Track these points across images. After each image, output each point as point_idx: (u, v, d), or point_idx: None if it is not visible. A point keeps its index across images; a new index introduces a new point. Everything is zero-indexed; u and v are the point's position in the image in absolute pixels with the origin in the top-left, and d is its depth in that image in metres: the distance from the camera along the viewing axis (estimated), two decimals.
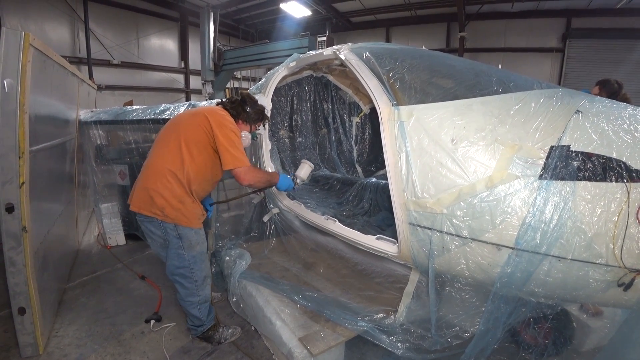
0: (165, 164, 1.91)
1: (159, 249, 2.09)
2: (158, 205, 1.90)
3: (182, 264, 2.02)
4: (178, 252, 2.00)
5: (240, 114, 2.17)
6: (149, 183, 1.92)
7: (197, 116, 1.99)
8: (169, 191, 1.90)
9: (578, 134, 1.53)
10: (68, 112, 3.46)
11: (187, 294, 2.10)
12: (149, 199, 1.91)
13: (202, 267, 2.11)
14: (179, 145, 1.93)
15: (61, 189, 3.19)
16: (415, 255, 1.76)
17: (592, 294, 1.50)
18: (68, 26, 8.35)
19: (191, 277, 2.06)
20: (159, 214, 1.92)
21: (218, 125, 1.94)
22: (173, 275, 2.08)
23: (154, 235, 2.03)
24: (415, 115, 1.67)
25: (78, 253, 3.68)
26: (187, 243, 2.00)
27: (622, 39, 9.28)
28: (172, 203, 1.91)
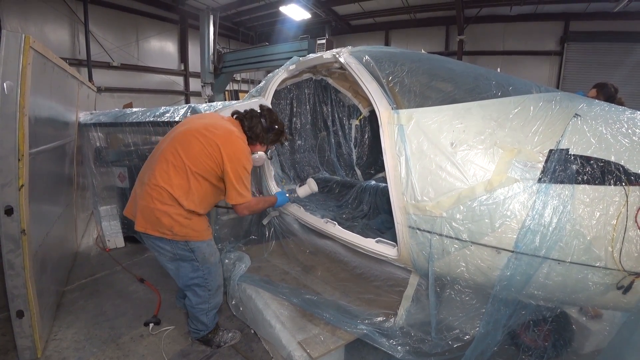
0: (171, 189, 1.83)
1: (168, 262, 2.01)
2: (166, 225, 1.85)
3: (197, 275, 2.01)
4: (192, 263, 1.98)
5: (258, 137, 2.06)
6: (154, 204, 1.83)
7: (209, 145, 1.85)
8: (175, 211, 1.85)
9: (577, 137, 1.54)
10: (68, 114, 3.46)
11: (199, 302, 2.07)
12: (155, 220, 1.85)
13: (216, 277, 2.10)
14: (186, 172, 1.84)
15: (60, 192, 3.19)
16: (414, 258, 1.76)
17: (591, 296, 1.50)
18: (68, 28, 8.36)
19: (205, 286, 2.04)
20: (167, 233, 1.87)
21: (230, 160, 1.85)
22: (187, 286, 2.04)
23: (162, 250, 1.96)
24: (415, 119, 1.68)
25: (77, 255, 3.67)
26: (201, 256, 1.98)
27: (619, 42, 9.34)
28: (180, 221, 1.87)
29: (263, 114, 2.08)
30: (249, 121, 2.03)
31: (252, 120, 2.04)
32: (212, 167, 1.86)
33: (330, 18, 11.71)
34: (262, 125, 2.05)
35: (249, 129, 2.02)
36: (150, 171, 1.90)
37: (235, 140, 1.92)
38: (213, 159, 1.85)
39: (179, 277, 2.03)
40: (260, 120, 2.06)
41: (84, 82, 4.37)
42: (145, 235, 1.93)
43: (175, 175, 1.84)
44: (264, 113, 2.09)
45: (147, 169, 1.94)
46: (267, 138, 2.10)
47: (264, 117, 2.07)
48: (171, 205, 1.84)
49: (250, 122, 2.03)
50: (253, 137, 2.04)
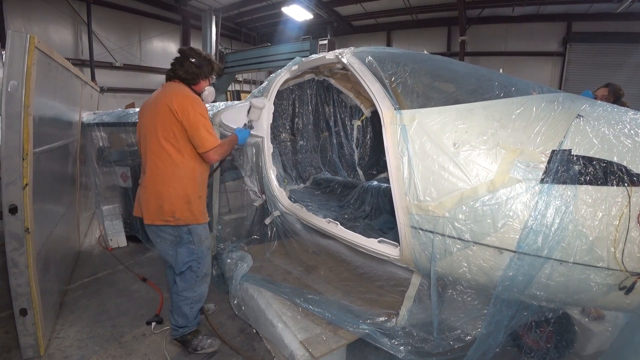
0: (162, 173, 1.96)
1: (168, 248, 2.09)
2: (168, 211, 1.96)
3: (192, 257, 2.08)
4: (189, 246, 2.07)
5: (197, 75, 2.12)
6: (154, 194, 1.97)
7: (163, 111, 1.94)
8: (175, 195, 1.97)
9: (579, 138, 1.54)
10: (71, 114, 3.48)
11: (185, 287, 2.11)
12: (158, 208, 1.97)
13: (206, 263, 2.17)
14: (164, 148, 1.95)
15: (63, 191, 3.20)
16: (417, 258, 1.77)
17: (593, 297, 1.50)
18: (71, 29, 8.40)
19: (196, 271, 2.11)
20: (171, 220, 1.98)
21: (182, 110, 1.92)
22: (181, 270, 2.09)
23: (164, 235, 2.05)
24: (418, 119, 1.68)
25: (79, 254, 3.69)
26: (197, 238, 2.08)
27: (622, 42, 9.33)
28: (180, 205, 1.98)
29: (187, 54, 2.11)
30: (181, 68, 2.09)
31: (184, 65, 2.09)
32: (179, 128, 1.94)
33: (332, 19, 11.73)
34: (194, 64, 2.10)
35: (185, 72, 2.08)
36: (144, 171, 2.05)
37: (178, 92, 2.00)
38: (173, 121, 1.93)
39: (177, 263, 2.10)
40: (189, 60, 2.09)
41: (88, 82, 4.39)
42: (151, 226, 2.03)
43: (159, 159, 1.96)
44: (188, 53, 2.12)
45: (144, 170, 2.07)
46: (203, 71, 2.15)
47: (190, 57, 2.10)
48: (170, 189, 1.95)
49: (182, 67, 2.09)
50: (194, 76, 2.10)
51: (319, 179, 4.19)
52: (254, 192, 3.13)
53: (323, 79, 4.18)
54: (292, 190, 3.64)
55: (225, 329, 2.42)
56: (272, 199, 2.93)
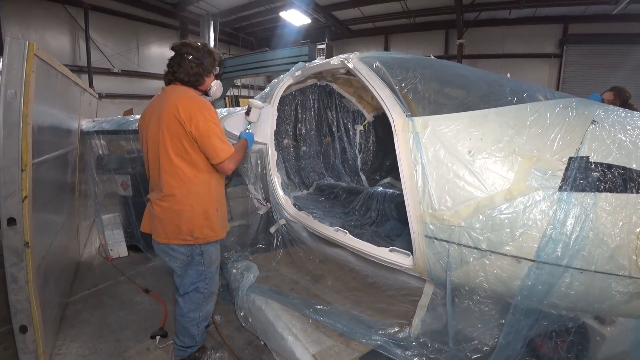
0: (178, 191, 1.82)
1: (178, 268, 1.96)
2: (186, 231, 1.85)
3: (199, 279, 1.97)
4: (198, 268, 1.95)
5: (200, 74, 1.90)
6: (171, 214, 1.84)
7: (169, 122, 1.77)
8: (192, 213, 1.85)
9: (596, 144, 1.51)
10: (70, 122, 3.43)
11: (190, 309, 2.00)
12: (175, 228, 1.84)
13: (213, 283, 2.08)
14: (176, 165, 1.80)
15: (63, 201, 3.14)
16: (431, 267, 1.72)
17: (615, 305, 1.47)
18: (68, 35, 8.35)
19: (203, 292, 2.01)
20: (190, 239, 1.86)
21: (190, 119, 1.75)
22: (186, 291, 1.98)
23: (176, 253, 1.91)
24: (431, 127, 1.64)
25: (79, 265, 3.61)
26: (208, 259, 1.97)
27: (618, 44, 9.39)
28: (199, 223, 1.87)
29: (183, 52, 1.89)
30: (181, 69, 1.87)
31: (182, 65, 1.87)
32: (189, 140, 1.78)
33: (330, 23, 11.73)
34: (193, 61, 1.88)
35: (186, 74, 1.88)
36: (157, 187, 1.89)
37: (183, 98, 1.81)
38: (182, 133, 1.77)
39: (182, 284, 1.99)
40: (187, 58, 1.87)
41: (86, 89, 4.34)
42: (161, 244, 1.90)
43: (171, 174, 1.82)
44: (183, 50, 1.89)
45: (154, 185, 1.93)
46: (205, 67, 1.93)
47: (187, 54, 1.88)
48: (186, 206, 1.83)
49: (181, 67, 1.87)
50: (197, 77, 1.90)
51: (322, 185, 4.15)
52: (258, 200, 3.08)
53: (325, 83, 4.15)
54: (295, 197, 3.59)
55: (232, 342, 2.35)
56: (277, 207, 2.88)
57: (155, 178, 1.90)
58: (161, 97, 1.89)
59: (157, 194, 1.88)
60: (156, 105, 1.88)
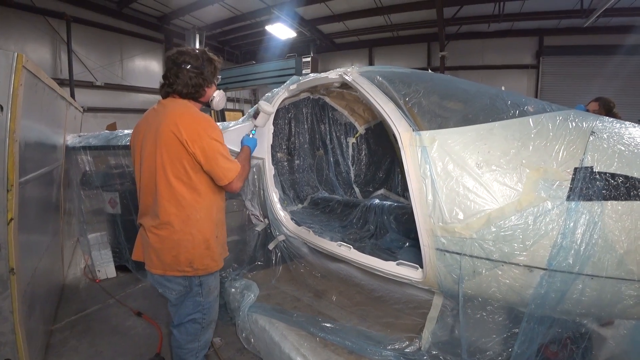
0: (177, 219, 1.65)
1: (173, 299, 1.80)
2: (184, 261, 1.68)
3: (196, 310, 1.80)
4: (195, 299, 1.79)
5: (201, 85, 1.73)
6: (169, 243, 1.68)
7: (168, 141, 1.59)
8: (192, 243, 1.68)
9: (597, 155, 1.55)
10: (56, 138, 3.30)
11: (188, 340, 1.83)
12: (173, 259, 1.68)
13: (213, 312, 1.91)
14: (175, 189, 1.63)
15: (48, 220, 2.99)
16: (441, 280, 1.72)
17: (624, 309, 1.50)
18: (49, 47, 8.11)
19: (200, 322, 1.84)
20: (188, 270, 1.70)
21: (192, 139, 1.58)
22: (181, 323, 1.83)
23: (172, 284, 1.76)
24: (438, 140, 1.65)
25: (64, 289, 3.42)
26: (207, 289, 1.81)
27: (591, 55, 9.93)
28: (199, 252, 1.71)
29: (180, 61, 1.69)
30: (179, 80, 1.68)
31: (180, 76, 1.67)
32: (190, 161, 1.62)
33: (315, 36, 11.89)
34: (191, 71, 1.68)
35: (185, 86, 1.68)
36: (151, 213, 1.71)
37: (184, 114, 1.62)
38: (183, 154, 1.60)
39: (177, 314, 1.83)
40: (185, 68, 1.67)
41: (72, 103, 4.20)
42: (160, 277, 1.74)
43: (174, 205, 1.65)
44: (181, 59, 1.69)
45: (146, 209, 1.74)
46: (206, 77, 1.74)
47: (184, 63, 1.68)
48: (185, 239, 1.67)
49: (179, 79, 1.67)
50: (197, 88, 1.72)
51: (316, 198, 4.12)
52: (256, 217, 3.02)
53: (318, 97, 4.17)
54: (291, 211, 3.55)
55: None
56: (275, 223, 2.83)
57: (149, 202, 1.71)
58: (158, 112, 1.69)
59: (152, 220, 1.69)
60: (152, 121, 1.68)
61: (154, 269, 1.72)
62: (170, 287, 1.75)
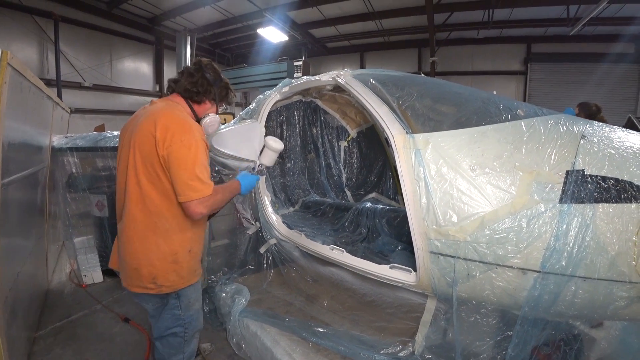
0: (141, 224, 1.49)
1: (152, 308, 1.71)
2: (146, 276, 1.50)
3: (176, 324, 1.67)
4: (173, 312, 1.65)
5: (205, 92, 1.64)
6: (129, 253, 1.52)
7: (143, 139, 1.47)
8: (156, 255, 1.50)
9: (588, 158, 1.57)
10: (41, 138, 3.21)
11: (171, 354, 1.72)
12: (134, 272, 1.51)
13: (196, 324, 1.77)
14: (144, 190, 1.47)
15: (32, 224, 2.90)
16: (435, 283, 1.71)
17: (616, 310, 1.51)
18: (36, 46, 7.94)
19: (182, 336, 1.71)
20: (151, 287, 1.52)
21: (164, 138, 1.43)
22: (162, 336, 1.72)
23: (146, 301, 1.67)
24: (432, 143, 1.65)
25: (48, 294, 3.32)
26: (185, 302, 1.67)
27: (577, 62, 10.21)
28: (164, 267, 1.52)
29: (203, 67, 1.65)
30: (189, 78, 1.62)
31: (193, 76, 1.62)
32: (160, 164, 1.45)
33: (306, 40, 11.92)
34: (206, 78, 1.63)
35: (190, 84, 1.61)
36: (120, 217, 1.60)
37: (166, 113, 1.49)
38: (154, 154, 1.45)
39: (156, 327, 1.73)
40: (202, 72, 1.63)
41: (59, 104, 4.11)
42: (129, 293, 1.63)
43: (140, 208, 1.49)
44: (204, 66, 1.66)
45: (120, 213, 1.60)
46: (213, 91, 1.66)
47: (205, 71, 1.64)
48: (150, 245, 1.50)
49: (190, 77, 1.61)
50: (200, 90, 1.63)
51: (308, 201, 4.10)
52: (247, 220, 2.98)
53: (310, 100, 4.16)
54: (283, 214, 3.51)
55: None
56: (267, 227, 2.79)
57: (120, 205, 1.58)
58: (146, 110, 1.60)
59: (121, 223, 1.55)
60: (138, 116, 1.60)
61: (122, 281, 1.60)
62: (143, 297, 1.62)
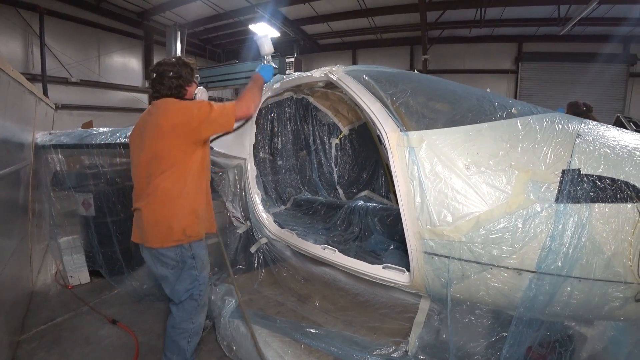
0: (169, 193, 1.85)
1: (172, 273, 1.93)
2: (178, 230, 1.86)
3: (193, 285, 1.95)
4: (191, 272, 1.94)
5: (181, 85, 2.00)
6: (163, 216, 1.86)
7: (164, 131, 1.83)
8: (183, 213, 1.87)
9: (584, 157, 1.56)
10: (24, 135, 3.10)
11: (183, 318, 1.95)
12: (168, 230, 1.85)
13: (206, 290, 2.06)
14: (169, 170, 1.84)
15: (14, 223, 2.80)
16: (429, 284, 1.68)
17: (611, 310, 1.50)
18: (21, 40, 7.69)
19: (197, 299, 1.97)
20: (183, 238, 1.87)
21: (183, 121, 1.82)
22: (181, 299, 1.95)
23: (165, 258, 1.89)
24: (427, 141, 1.62)
25: (32, 296, 3.21)
26: (200, 263, 1.97)
27: (567, 62, 10.34)
28: (190, 221, 1.89)
29: (162, 71, 1.98)
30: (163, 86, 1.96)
31: (164, 83, 1.96)
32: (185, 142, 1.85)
33: (298, 37, 11.82)
34: (172, 77, 1.97)
35: (169, 89, 1.97)
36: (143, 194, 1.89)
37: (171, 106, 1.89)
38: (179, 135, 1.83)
39: (176, 291, 1.95)
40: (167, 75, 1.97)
41: (42, 99, 3.97)
42: (153, 250, 1.88)
43: (168, 181, 1.85)
44: (161, 69, 1.99)
45: (140, 192, 1.92)
46: (185, 78, 2.02)
47: (165, 71, 1.98)
48: (176, 211, 1.86)
49: (163, 85, 1.96)
50: (178, 88, 1.99)
51: (299, 199, 4.05)
52: (237, 219, 2.93)
53: (302, 96, 4.11)
54: (274, 213, 3.46)
55: None
56: (258, 226, 2.75)
57: (143, 185, 1.90)
58: (151, 111, 1.97)
59: (147, 198, 1.87)
60: (148, 118, 1.95)
61: (152, 242, 1.86)
62: (165, 261, 1.89)
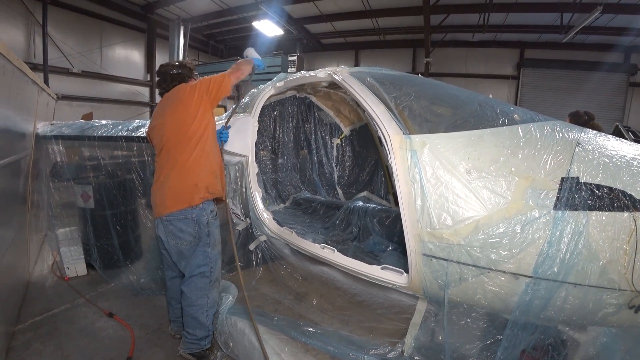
0: (194, 157, 2.06)
1: (187, 248, 2.06)
2: (203, 188, 2.05)
3: (205, 261, 2.08)
4: (205, 249, 2.07)
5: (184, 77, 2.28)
6: (190, 176, 2.04)
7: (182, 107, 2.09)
8: (205, 172, 2.09)
9: (583, 165, 1.58)
10: (25, 125, 3.09)
11: (199, 295, 2.08)
12: (193, 189, 2.03)
13: (218, 267, 2.19)
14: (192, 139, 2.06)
15: (13, 213, 2.79)
16: (427, 286, 1.70)
17: (605, 316, 1.53)
18: (23, 29, 7.65)
19: (209, 276, 2.10)
20: (207, 195, 2.07)
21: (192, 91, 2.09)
22: (192, 273, 2.08)
23: (183, 234, 2.02)
24: (429, 145, 1.64)
25: (29, 287, 3.21)
26: (213, 240, 2.12)
27: (568, 69, 10.41)
28: (211, 180, 2.11)
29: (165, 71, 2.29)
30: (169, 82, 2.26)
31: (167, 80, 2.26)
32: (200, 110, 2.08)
33: (301, 35, 11.82)
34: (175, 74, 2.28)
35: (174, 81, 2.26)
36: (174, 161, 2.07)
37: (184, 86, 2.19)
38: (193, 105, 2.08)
39: (189, 265, 2.08)
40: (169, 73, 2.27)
41: (44, 89, 3.96)
42: (176, 215, 2.01)
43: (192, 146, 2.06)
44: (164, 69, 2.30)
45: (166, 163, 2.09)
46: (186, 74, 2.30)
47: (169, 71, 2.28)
48: (200, 171, 2.06)
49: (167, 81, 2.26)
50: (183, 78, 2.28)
51: (299, 198, 4.07)
52: (237, 216, 2.94)
53: (304, 96, 4.12)
54: (273, 211, 3.47)
55: None
56: (257, 223, 2.76)
57: (168, 156, 2.09)
58: (166, 97, 2.22)
59: (174, 164, 2.05)
60: (164, 104, 2.20)
61: (180, 204, 2.01)
62: (182, 237, 2.02)
